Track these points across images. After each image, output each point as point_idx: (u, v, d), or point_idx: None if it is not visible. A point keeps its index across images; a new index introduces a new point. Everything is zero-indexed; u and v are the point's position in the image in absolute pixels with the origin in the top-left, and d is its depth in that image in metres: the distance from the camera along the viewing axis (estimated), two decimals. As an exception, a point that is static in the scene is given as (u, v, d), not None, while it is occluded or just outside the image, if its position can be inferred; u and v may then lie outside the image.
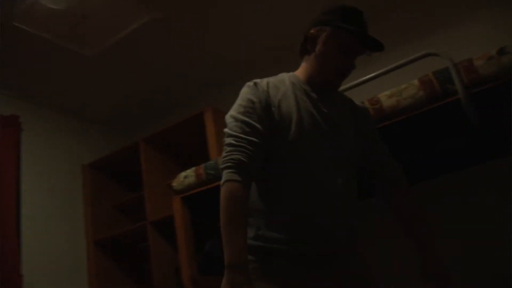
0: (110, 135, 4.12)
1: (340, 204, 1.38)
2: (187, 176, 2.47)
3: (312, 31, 1.51)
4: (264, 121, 1.37)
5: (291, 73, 1.55)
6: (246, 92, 1.44)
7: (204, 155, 3.01)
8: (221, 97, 3.71)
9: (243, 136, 1.33)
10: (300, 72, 1.54)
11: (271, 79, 1.49)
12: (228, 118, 1.41)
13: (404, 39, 3.00)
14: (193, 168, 2.46)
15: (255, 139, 1.33)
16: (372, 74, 2.00)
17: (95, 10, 2.72)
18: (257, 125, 1.35)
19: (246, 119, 1.36)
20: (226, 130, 1.38)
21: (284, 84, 1.47)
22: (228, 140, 1.34)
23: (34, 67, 3.19)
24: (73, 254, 3.49)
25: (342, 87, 2.00)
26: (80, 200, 3.68)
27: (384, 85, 2.10)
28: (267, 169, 1.39)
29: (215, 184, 2.35)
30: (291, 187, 1.37)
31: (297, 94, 1.45)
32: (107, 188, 3.81)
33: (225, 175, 1.32)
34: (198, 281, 2.42)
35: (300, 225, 1.36)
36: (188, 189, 2.47)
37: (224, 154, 1.34)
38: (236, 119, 1.38)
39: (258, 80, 1.47)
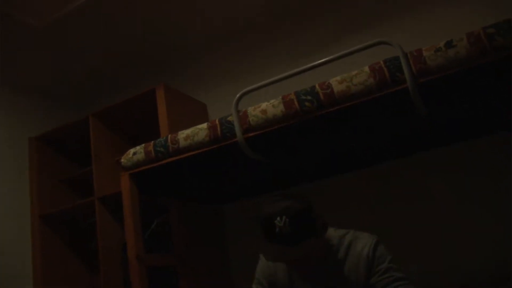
0: (59, 109, 4.01)
1: None
2: (136, 153, 2.43)
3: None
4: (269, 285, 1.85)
5: None
6: (259, 265, 1.91)
7: (154, 133, 2.97)
8: (173, 74, 3.68)
9: None
10: None
11: None
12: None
13: (361, 26, 3.04)
14: (142, 145, 2.42)
15: None
16: (324, 59, 2.01)
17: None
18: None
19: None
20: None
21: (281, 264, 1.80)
22: None
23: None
24: (18, 228, 3.41)
25: (296, 69, 2.03)
26: (26, 173, 3.58)
27: (338, 72, 2.12)
28: None
29: (164, 162, 2.33)
30: None
31: (291, 273, 1.79)
32: (55, 162, 3.71)
33: None
34: (143, 258, 2.40)
35: None
36: (137, 166, 2.44)
37: None
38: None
39: None
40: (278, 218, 1.49)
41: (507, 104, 2.14)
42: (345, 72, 1.96)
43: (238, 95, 2.14)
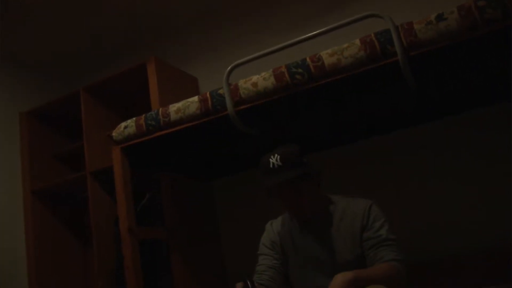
0: (50, 84, 3.95)
1: None
2: (127, 126, 2.43)
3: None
4: (275, 253, 1.94)
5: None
6: (264, 235, 2.02)
7: (146, 106, 2.96)
8: (164, 48, 3.65)
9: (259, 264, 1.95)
10: None
11: (279, 222, 2.00)
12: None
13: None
14: (134, 119, 2.42)
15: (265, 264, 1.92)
16: (315, 32, 2.00)
17: None
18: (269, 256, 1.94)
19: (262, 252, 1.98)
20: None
21: (285, 225, 1.97)
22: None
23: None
24: (10, 204, 3.39)
25: (287, 42, 2.03)
26: (17, 149, 3.55)
27: (329, 46, 2.12)
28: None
29: (155, 135, 2.34)
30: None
31: (293, 233, 1.92)
32: (46, 137, 3.68)
33: None
34: (135, 232, 2.42)
35: None
36: (128, 140, 2.44)
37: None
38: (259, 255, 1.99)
39: (272, 222, 2.04)
40: (272, 156, 1.78)
41: (498, 77, 2.16)
42: (337, 45, 1.96)
43: (229, 68, 2.14)
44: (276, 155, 1.77)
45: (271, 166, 1.76)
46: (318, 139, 2.72)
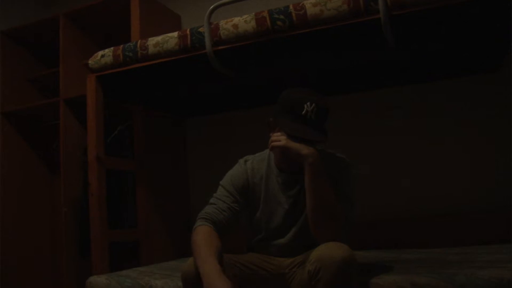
0: (29, 4, 3.85)
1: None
2: (104, 55, 2.41)
3: (270, 119, 1.75)
4: (240, 196, 1.77)
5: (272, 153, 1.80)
6: (235, 170, 1.83)
7: (126, 40, 2.91)
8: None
9: (218, 197, 1.75)
10: None
11: (255, 160, 1.84)
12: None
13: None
14: (111, 48, 2.40)
15: (226, 203, 1.73)
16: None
17: None
18: (232, 197, 1.76)
19: (226, 188, 1.78)
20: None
21: (261, 168, 1.81)
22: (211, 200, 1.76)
23: None
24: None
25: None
26: (-10, 69, 3.48)
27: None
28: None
29: (132, 67, 2.32)
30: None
31: (269, 178, 1.80)
32: (21, 60, 3.61)
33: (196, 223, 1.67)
34: (102, 160, 2.44)
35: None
36: (104, 69, 2.42)
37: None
38: (221, 187, 1.79)
39: (247, 160, 1.85)
40: (308, 103, 1.61)
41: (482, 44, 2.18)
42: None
43: (212, 7, 2.12)
44: (313, 104, 1.61)
45: (303, 112, 1.61)
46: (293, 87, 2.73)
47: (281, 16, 1.96)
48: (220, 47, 2.10)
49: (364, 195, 2.03)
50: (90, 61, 2.47)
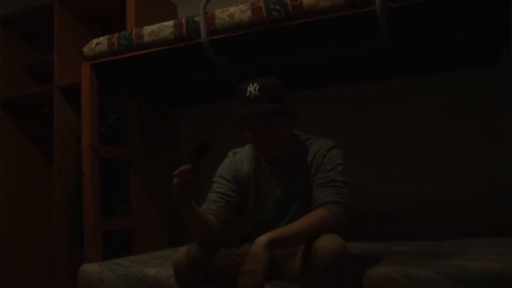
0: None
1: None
2: (99, 43, 2.39)
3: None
4: (231, 186, 1.80)
5: None
6: (224, 163, 1.88)
7: (121, 26, 2.91)
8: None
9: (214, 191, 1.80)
10: None
11: (244, 152, 1.87)
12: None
13: None
14: (106, 36, 2.38)
15: (221, 194, 1.77)
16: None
17: None
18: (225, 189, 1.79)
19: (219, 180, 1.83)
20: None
21: (250, 160, 1.84)
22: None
23: None
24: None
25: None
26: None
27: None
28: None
29: (126, 55, 2.32)
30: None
31: (257, 170, 1.82)
32: (15, 46, 3.58)
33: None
34: (96, 149, 2.44)
35: None
36: (99, 57, 2.41)
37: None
38: (215, 181, 1.84)
39: (236, 153, 1.89)
40: (251, 84, 1.66)
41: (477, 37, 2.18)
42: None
43: (208, -4, 2.11)
44: (255, 84, 1.65)
45: (247, 94, 1.65)
46: (288, 78, 2.73)
47: (277, 6, 1.95)
48: (215, 37, 2.09)
49: (358, 188, 2.03)
50: (85, 49, 2.46)
